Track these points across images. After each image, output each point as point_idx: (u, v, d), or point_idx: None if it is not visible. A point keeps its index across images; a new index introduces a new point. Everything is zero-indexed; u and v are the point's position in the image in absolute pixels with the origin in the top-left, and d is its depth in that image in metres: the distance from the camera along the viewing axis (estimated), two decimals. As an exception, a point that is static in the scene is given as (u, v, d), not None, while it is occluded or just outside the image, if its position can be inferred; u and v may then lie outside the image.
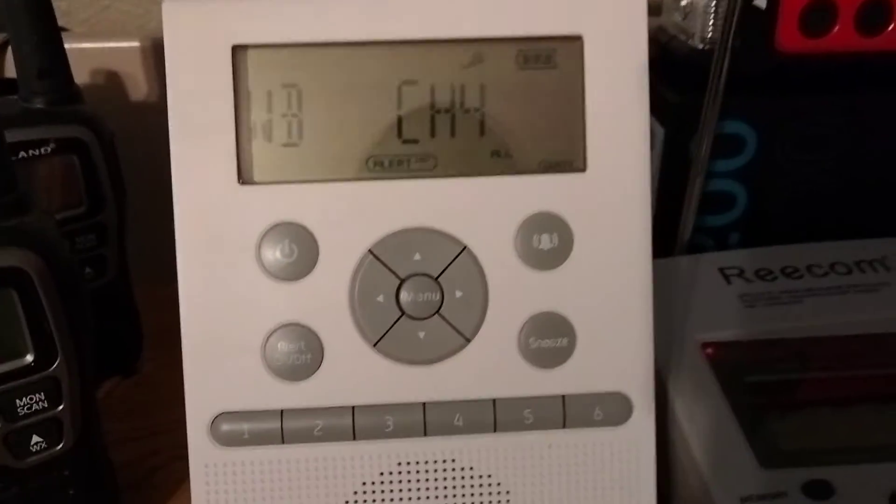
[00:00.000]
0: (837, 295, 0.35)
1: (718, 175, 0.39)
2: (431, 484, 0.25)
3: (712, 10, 0.37)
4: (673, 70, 0.39)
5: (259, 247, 0.24)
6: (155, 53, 0.45)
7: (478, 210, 0.25)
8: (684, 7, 0.39)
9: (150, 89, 0.45)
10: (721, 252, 0.38)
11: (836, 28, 0.36)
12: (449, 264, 0.25)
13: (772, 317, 0.33)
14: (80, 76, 0.36)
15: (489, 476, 0.25)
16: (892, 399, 0.31)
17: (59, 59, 0.34)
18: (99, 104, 0.36)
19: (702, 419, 0.29)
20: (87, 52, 0.43)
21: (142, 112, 0.45)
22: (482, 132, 0.25)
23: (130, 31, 0.48)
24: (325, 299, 0.24)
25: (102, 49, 0.44)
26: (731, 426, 0.29)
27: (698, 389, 0.30)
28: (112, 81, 0.45)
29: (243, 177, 0.24)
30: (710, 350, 0.32)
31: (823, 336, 0.33)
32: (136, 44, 0.44)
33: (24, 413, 0.26)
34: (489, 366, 0.25)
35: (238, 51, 0.24)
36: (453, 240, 0.25)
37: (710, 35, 0.37)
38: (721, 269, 0.36)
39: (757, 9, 0.35)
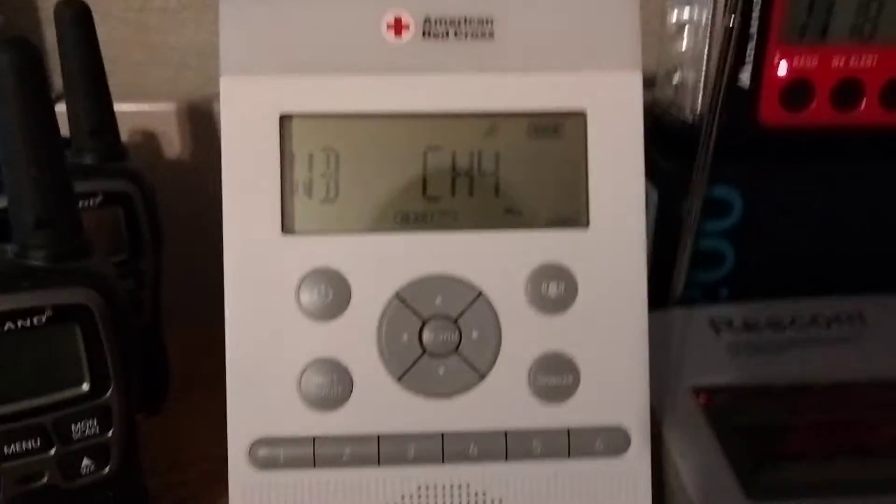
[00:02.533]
0: (819, 346, 0.38)
1: (708, 235, 0.42)
2: (448, 507, 0.27)
3: (701, 86, 0.41)
4: (666, 139, 0.42)
5: (298, 289, 0.27)
6: (189, 114, 0.49)
7: (493, 260, 0.28)
8: (676, 83, 0.43)
9: (183, 148, 0.49)
10: (711, 305, 0.41)
11: (814, 104, 0.40)
12: (467, 308, 0.28)
13: (758, 365, 0.36)
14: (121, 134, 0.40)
15: (500, 500, 0.28)
16: (868, 447, 0.33)
17: (109, 120, 0.38)
18: (138, 163, 0.40)
19: (693, 456, 0.32)
20: (128, 113, 0.46)
21: (174, 169, 0.48)
22: (497, 192, 0.28)
23: (164, 93, 0.51)
24: (356, 337, 0.27)
25: (140, 110, 0.48)
26: (721, 462, 0.31)
27: (690, 430, 0.33)
28: (148, 140, 0.48)
29: (286, 228, 0.27)
30: (700, 395, 0.35)
31: (806, 384, 0.36)
32: (172, 106, 0.48)
33: (78, 437, 0.28)
34: (502, 400, 0.28)
35: (285, 119, 0.27)
36: (471, 286, 0.28)
37: (699, 109, 0.41)
38: (711, 321, 0.39)
39: (742, 86, 0.39)
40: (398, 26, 0.27)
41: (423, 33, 0.27)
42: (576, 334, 0.28)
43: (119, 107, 0.38)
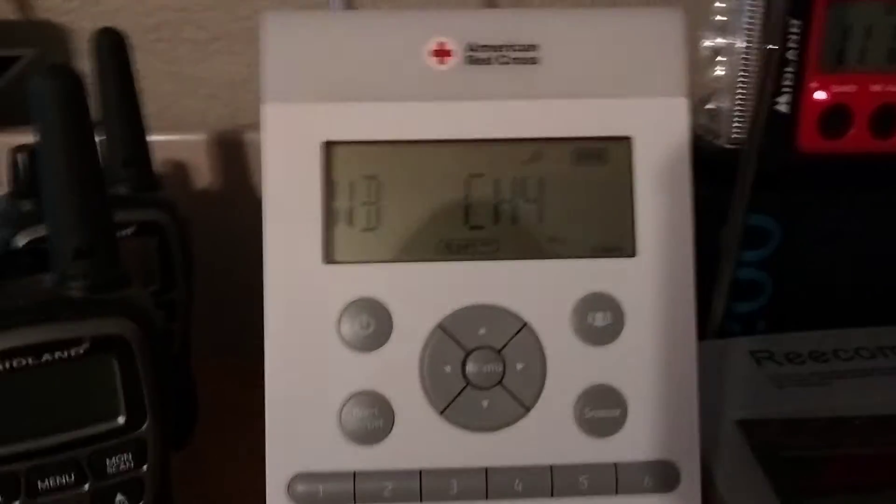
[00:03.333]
0: (863, 377, 0.37)
1: (745, 264, 0.42)
2: (493, 545, 0.27)
3: (737, 113, 0.40)
4: (701, 167, 0.42)
5: (339, 320, 0.27)
6: (218, 145, 0.49)
7: (537, 289, 0.27)
8: (710, 111, 0.42)
9: (213, 178, 0.49)
10: (751, 336, 0.40)
11: (853, 131, 0.39)
12: (511, 338, 0.27)
13: (802, 397, 0.35)
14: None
15: (547, 538, 0.27)
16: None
17: (143, 150, 0.38)
18: (171, 194, 0.40)
19: (741, 491, 0.31)
20: (159, 143, 0.46)
21: (202, 199, 0.48)
22: (540, 220, 0.28)
23: (193, 124, 0.51)
24: (398, 369, 0.27)
25: (170, 140, 0.48)
26: (770, 498, 0.30)
27: (737, 464, 0.32)
28: (177, 170, 0.48)
29: (328, 257, 0.27)
30: (745, 427, 0.34)
31: (852, 416, 0.35)
32: (202, 137, 0.48)
33: (112, 472, 0.28)
34: (547, 434, 0.27)
35: (327, 146, 0.27)
36: (515, 316, 0.27)
37: (734, 135, 0.40)
38: (752, 353, 0.38)
39: (779, 113, 0.39)
40: (441, 53, 0.27)
41: (467, 59, 0.27)
42: (623, 366, 0.27)
43: (153, 138, 0.38)
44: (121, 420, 0.28)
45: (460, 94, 0.27)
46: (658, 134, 0.28)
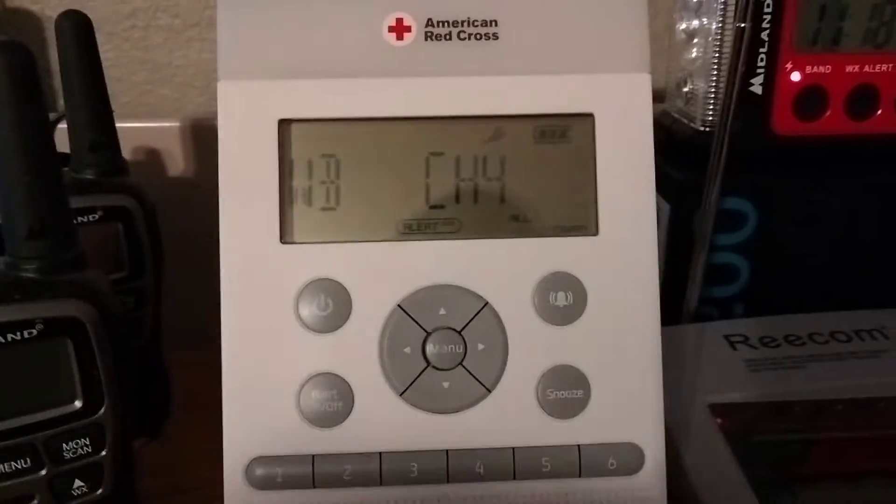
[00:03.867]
0: (838, 361, 0.36)
1: (721, 249, 0.41)
2: (454, 529, 0.26)
3: (712, 96, 0.40)
4: (677, 151, 0.41)
5: (297, 301, 0.26)
6: (192, 133, 0.48)
7: (498, 269, 0.27)
8: (686, 93, 0.42)
9: (186, 166, 0.48)
10: (726, 321, 0.40)
11: (828, 112, 0.39)
12: (472, 319, 0.26)
13: (776, 381, 0.35)
14: (123, 152, 0.39)
15: (509, 522, 0.26)
16: (893, 466, 0.32)
17: (110, 134, 0.37)
18: (139, 179, 0.39)
19: (711, 475, 0.30)
20: (129, 130, 0.46)
21: (178, 186, 0.48)
22: (502, 199, 0.27)
23: (168, 112, 0.51)
24: (357, 350, 0.26)
25: (144, 128, 0.48)
26: (740, 482, 0.30)
27: (707, 448, 0.31)
28: (151, 158, 0.48)
29: (285, 237, 0.26)
30: (717, 412, 0.33)
31: (826, 399, 0.34)
32: (175, 124, 0.47)
33: (70, 457, 0.27)
34: (509, 416, 0.26)
35: (283, 124, 0.27)
36: (476, 296, 0.27)
37: (710, 118, 0.40)
38: (726, 337, 0.38)
39: (753, 94, 0.38)
40: (400, 28, 0.27)
41: (426, 35, 0.27)
42: (586, 346, 0.27)
43: (123, 124, 0.38)
44: (77, 404, 0.27)
45: (419, 70, 0.27)
46: (620, 110, 0.27)
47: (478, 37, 0.27)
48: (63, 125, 0.37)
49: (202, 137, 0.49)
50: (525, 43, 0.27)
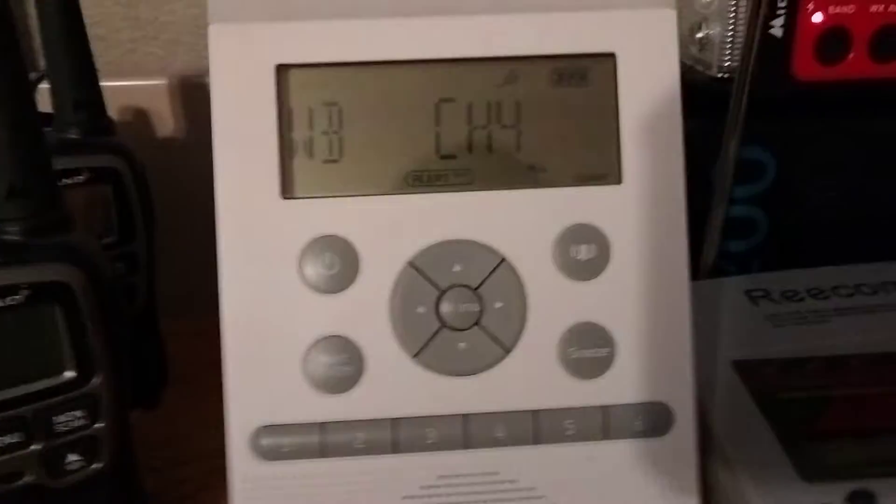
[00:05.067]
0: (864, 314, 0.35)
1: (739, 201, 0.40)
2: (473, 497, 0.25)
3: (729, 41, 0.38)
4: (691, 99, 0.39)
5: (301, 260, 0.25)
6: (181, 91, 0.46)
7: (515, 222, 0.25)
8: (700, 39, 0.40)
9: (176, 126, 0.46)
10: (746, 276, 0.39)
11: (851, 56, 0.37)
12: (488, 275, 0.25)
13: (800, 336, 0.34)
14: (109, 113, 0.37)
15: (532, 489, 0.25)
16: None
17: (94, 92, 0.35)
18: (127, 139, 0.37)
19: (739, 436, 0.29)
20: (115, 89, 0.44)
21: (168, 148, 0.46)
22: (518, 147, 0.25)
23: (155, 71, 0.49)
24: (366, 311, 0.25)
25: (130, 87, 0.45)
26: (770, 441, 0.28)
27: (734, 407, 0.30)
28: (139, 118, 0.45)
29: (286, 192, 0.25)
30: (742, 368, 0.32)
31: (853, 354, 0.33)
32: (163, 82, 0.45)
33: (62, 430, 0.26)
34: (529, 377, 0.25)
35: (281, 70, 0.25)
36: (492, 251, 0.25)
37: (726, 65, 0.38)
38: (747, 292, 0.36)
39: (774, 38, 0.36)
40: (405, -36, 0.25)
41: (433, -29, 0.25)
42: (610, 302, 0.25)
43: (107, 83, 0.36)
44: (68, 374, 0.26)
45: (427, 9, 0.25)
46: (644, 50, 0.25)
47: (489, -29, 0.25)
48: (45, 85, 0.35)
49: (191, 96, 0.47)
50: (540, -23, 0.25)
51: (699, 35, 0.40)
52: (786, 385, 0.32)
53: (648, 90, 0.25)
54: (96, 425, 0.26)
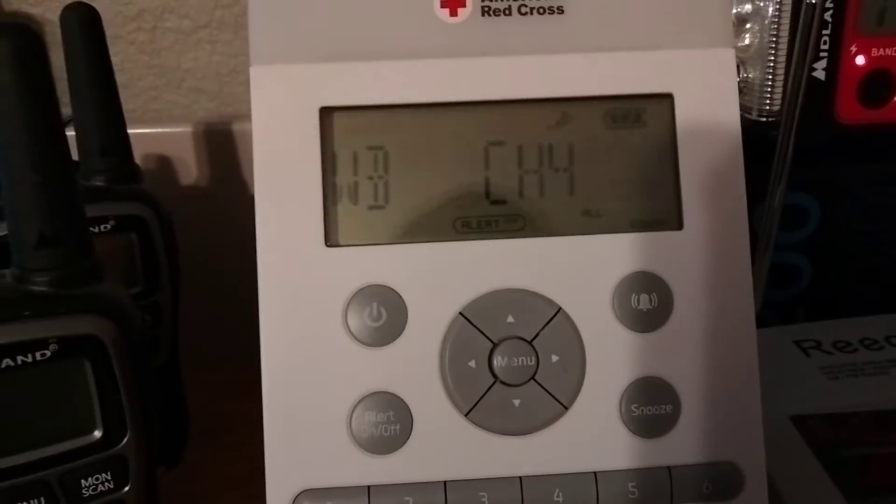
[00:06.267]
0: (921, 365, 0.33)
1: (782, 247, 0.38)
2: (531, 566, 0.23)
3: (769, 84, 0.37)
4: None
5: (346, 311, 0.23)
6: (204, 139, 0.45)
7: (571, 270, 0.24)
8: (738, 83, 0.39)
9: (200, 173, 0.45)
10: (794, 325, 0.37)
11: (895, 99, 0.36)
12: (544, 327, 0.23)
13: (858, 388, 0.32)
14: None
15: (594, 557, 0.23)
16: None
17: (121, 139, 0.34)
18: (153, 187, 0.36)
19: (806, 496, 0.27)
20: (138, 136, 0.43)
21: (192, 195, 0.45)
22: (571, 191, 0.24)
23: (178, 118, 0.48)
24: (415, 365, 0.23)
25: (153, 134, 0.45)
26: (837, 500, 0.27)
27: (796, 465, 0.28)
28: (162, 165, 0.45)
29: (329, 239, 0.23)
30: (801, 424, 0.30)
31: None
32: (186, 129, 0.44)
33: (89, 494, 0.24)
34: (589, 435, 0.23)
35: (325, 113, 0.24)
36: (547, 301, 0.24)
37: (767, 108, 0.37)
38: (797, 342, 0.35)
39: (817, 80, 0.36)
40: (453, 3, 0.24)
41: (482, 10, 0.24)
42: (674, 355, 0.24)
43: (131, 130, 0.35)
44: (97, 434, 0.24)
45: (476, 49, 0.24)
46: (703, 90, 0.24)
47: (541, 11, 0.24)
48: (70, 131, 0.34)
49: (214, 143, 0.46)
50: (594, 17, 0.24)
51: (738, 79, 0.39)
52: (848, 440, 0.30)
53: (708, 132, 0.24)
54: (124, 489, 0.25)
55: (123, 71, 0.48)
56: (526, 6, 0.24)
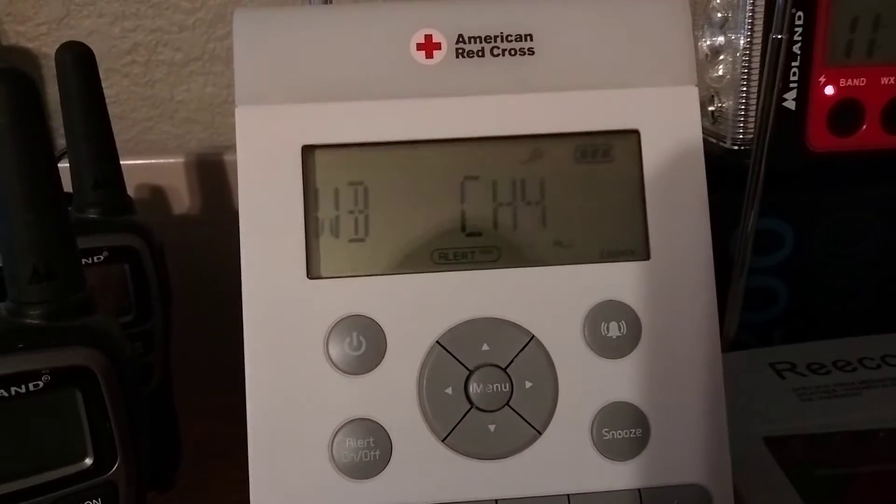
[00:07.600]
0: (893, 387, 0.34)
1: (758, 272, 0.39)
2: (507, 587, 0.24)
3: (742, 113, 0.38)
4: (706, 172, 0.40)
5: (327, 340, 0.24)
6: (197, 169, 0.46)
7: (543, 299, 0.25)
8: (713, 112, 0.40)
9: (192, 203, 0.46)
10: (770, 348, 0.38)
11: (864, 127, 0.37)
12: (517, 354, 0.24)
13: (831, 410, 0.33)
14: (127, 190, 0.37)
15: (567, 577, 0.24)
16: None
17: (114, 171, 0.35)
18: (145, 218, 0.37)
19: (776, 515, 0.28)
20: (131, 167, 0.44)
21: (184, 225, 0.46)
22: (544, 223, 0.25)
23: (171, 149, 0.49)
24: (393, 393, 0.24)
25: (146, 165, 0.46)
26: (807, 521, 0.28)
27: (768, 486, 0.29)
28: (154, 196, 0.46)
29: (311, 271, 0.24)
30: (774, 445, 0.31)
31: (886, 428, 0.32)
32: (179, 160, 0.46)
33: (80, 521, 0.25)
34: (562, 459, 0.24)
35: (307, 151, 0.25)
36: (521, 329, 0.24)
37: (740, 136, 0.38)
38: (772, 365, 0.36)
39: (787, 110, 0.37)
40: (429, 46, 0.25)
41: (457, 52, 0.25)
42: (642, 380, 0.24)
43: (125, 162, 0.36)
44: (88, 461, 0.25)
45: (451, 89, 0.25)
46: (668, 126, 0.25)
47: (512, 52, 0.25)
48: (64, 164, 0.35)
49: (206, 174, 0.47)
50: (563, 57, 0.25)
51: (712, 108, 0.40)
52: (820, 461, 0.31)
53: (672, 165, 0.25)
54: (114, 515, 0.25)
55: (118, 103, 0.49)
56: (498, 48, 0.25)
